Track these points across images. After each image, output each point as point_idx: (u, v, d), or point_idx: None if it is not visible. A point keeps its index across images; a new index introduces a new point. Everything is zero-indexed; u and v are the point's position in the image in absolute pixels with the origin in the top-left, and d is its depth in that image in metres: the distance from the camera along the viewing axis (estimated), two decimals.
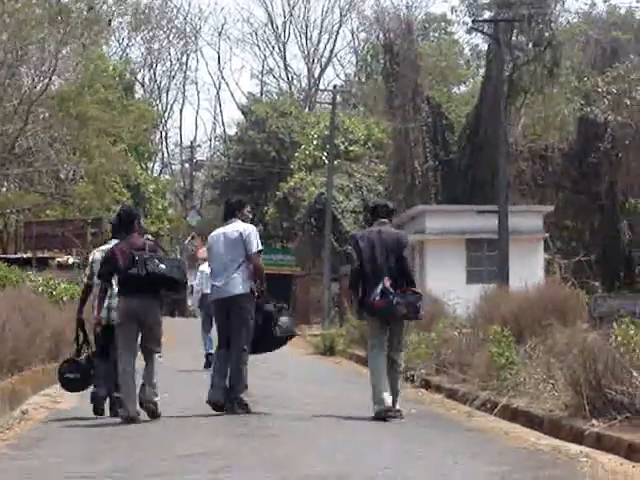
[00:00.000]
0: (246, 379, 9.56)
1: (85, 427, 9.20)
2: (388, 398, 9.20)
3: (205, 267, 15.18)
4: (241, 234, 9.62)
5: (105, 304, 9.89)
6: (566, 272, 30.44)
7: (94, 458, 7.26)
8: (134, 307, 9.31)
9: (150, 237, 9.97)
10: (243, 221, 9.86)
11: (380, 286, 9.16)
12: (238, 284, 9.51)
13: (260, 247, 9.73)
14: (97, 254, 10.22)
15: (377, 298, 9.16)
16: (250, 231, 9.70)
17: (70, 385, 10.18)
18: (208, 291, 15.74)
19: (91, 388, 10.00)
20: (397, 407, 9.34)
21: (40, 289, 18.06)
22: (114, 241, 10.16)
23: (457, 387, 11.42)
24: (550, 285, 17.50)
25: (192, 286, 18.84)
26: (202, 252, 19.18)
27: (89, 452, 7.61)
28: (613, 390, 7.88)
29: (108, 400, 9.89)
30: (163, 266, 9.23)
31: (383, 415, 9.15)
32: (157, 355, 9.52)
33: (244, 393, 9.50)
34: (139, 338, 9.48)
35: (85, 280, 10.38)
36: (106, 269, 9.49)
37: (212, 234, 9.98)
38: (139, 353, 9.64)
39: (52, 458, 7.31)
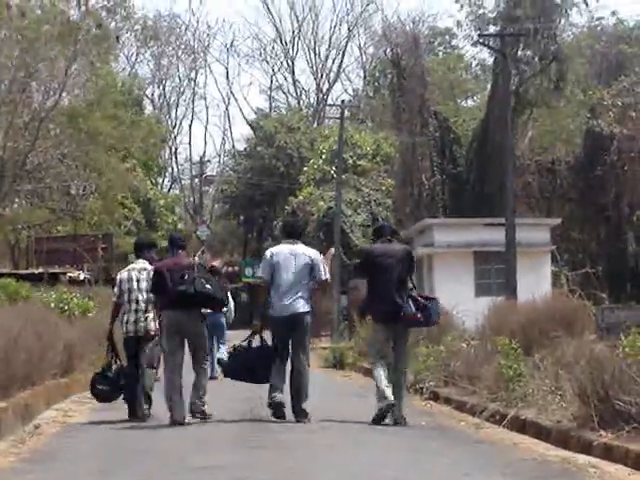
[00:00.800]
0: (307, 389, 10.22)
1: (98, 440, 9.23)
2: (390, 395, 9.64)
3: None
4: (311, 259, 10.20)
5: (132, 318, 10.48)
6: (573, 284, 30.31)
7: (109, 471, 7.26)
8: (179, 321, 9.89)
9: (197, 259, 10.61)
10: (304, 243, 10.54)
11: (411, 302, 9.87)
12: (303, 303, 10.13)
13: (328, 275, 10.31)
14: (124, 273, 10.73)
15: (417, 314, 9.86)
16: (318, 257, 10.32)
17: (101, 396, 10.81)
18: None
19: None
20: (402, 414, 9.76)
21: (52, 305, 18.05)
22: (140, 261, 10.73)
23: (466, 399, 11.43)
24: (557, 297, 17.51)
25: None
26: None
27: (103, 465, 7.60)
28: (620, 401, 7.88)
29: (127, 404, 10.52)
30: (209, 286, 9.86)
31: (384, 411, 9.65)
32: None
33: (306, 402, 10.09)
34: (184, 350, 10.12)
35: (114, 299, 10.81)
36: (155, 285, 10.04)
37: (277, 251, 10.27)
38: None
39: (66, 472, 7.32)
